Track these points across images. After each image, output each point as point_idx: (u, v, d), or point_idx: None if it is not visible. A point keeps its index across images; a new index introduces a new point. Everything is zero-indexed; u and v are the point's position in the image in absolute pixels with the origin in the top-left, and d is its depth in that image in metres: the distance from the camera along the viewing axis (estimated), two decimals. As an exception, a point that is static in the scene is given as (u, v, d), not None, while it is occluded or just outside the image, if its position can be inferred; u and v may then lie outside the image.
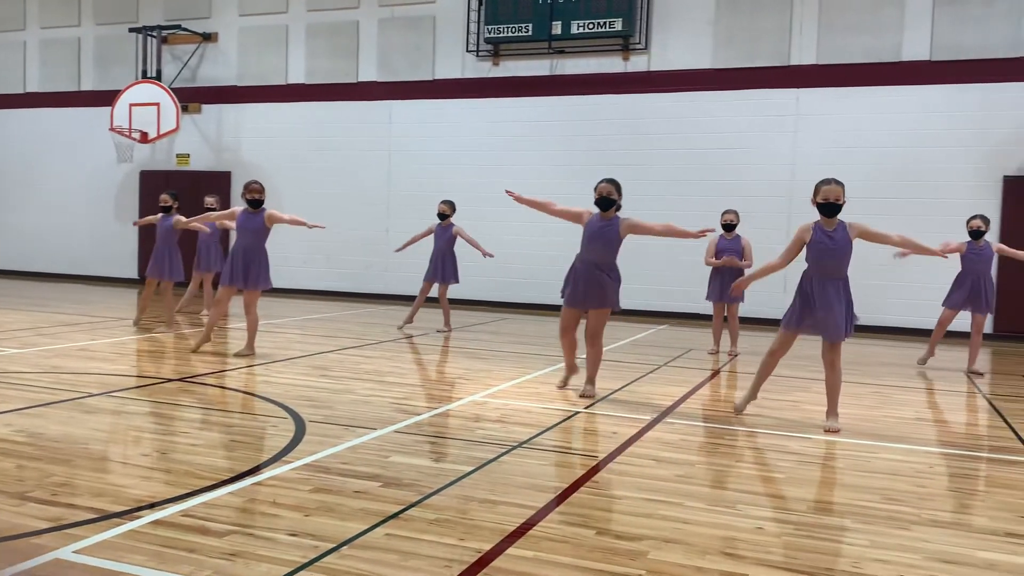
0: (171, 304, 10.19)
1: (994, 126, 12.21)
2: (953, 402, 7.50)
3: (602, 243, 6.54)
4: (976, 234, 8.63)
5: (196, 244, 11.29)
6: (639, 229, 6.50)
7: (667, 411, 6.26)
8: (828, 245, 5.69)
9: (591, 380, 6.73)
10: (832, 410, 5.86)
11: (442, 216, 10.81)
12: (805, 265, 5.90)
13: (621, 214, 6.66)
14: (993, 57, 12.16)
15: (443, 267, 10.68)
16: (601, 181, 6.67)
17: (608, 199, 6.57)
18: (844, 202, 5.70)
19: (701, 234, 6.50)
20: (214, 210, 11.46)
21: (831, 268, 5.72)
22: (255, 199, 8.11)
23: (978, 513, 4.15)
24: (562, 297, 6.70)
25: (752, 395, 6.19)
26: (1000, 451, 5.46)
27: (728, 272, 9.39)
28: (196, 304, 11.96)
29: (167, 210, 9.99)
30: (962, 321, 9.27)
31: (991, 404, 7.21)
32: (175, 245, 9.98)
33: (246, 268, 8.06)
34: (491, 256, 10.89)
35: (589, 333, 6.65)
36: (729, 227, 9.50)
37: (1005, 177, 12.18)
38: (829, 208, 5.70)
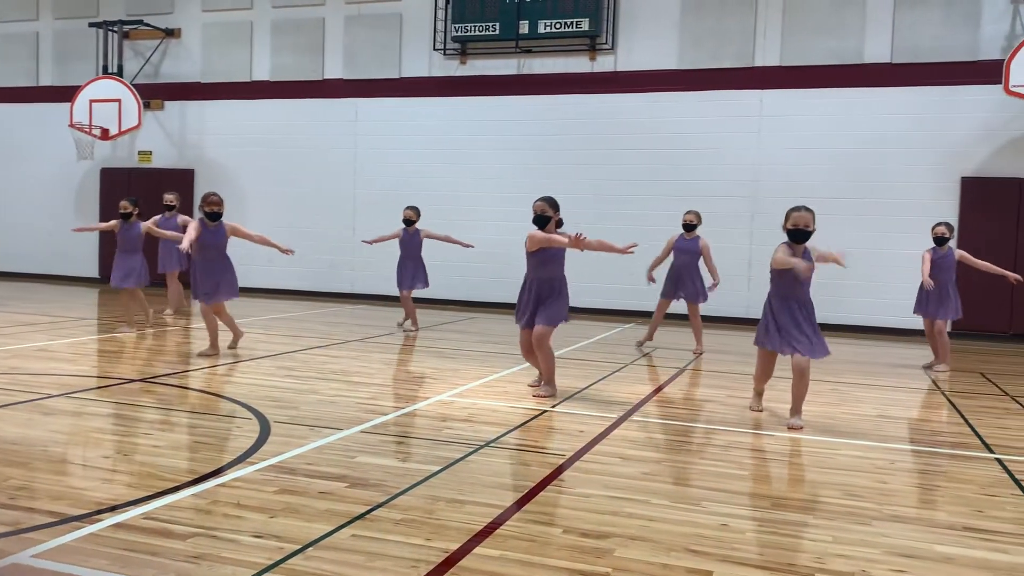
0: (145, 305, 9.95)
1: (952, 128, 12.46)
2: (913, 399, 7.64)
3: (556, 260, 6.64)
4: (940, 240, 8.77)
5: (157, 244, 11.13)
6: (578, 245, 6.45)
7: (633, 409, 6.30)
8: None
9: (549, 381, 6.72)
10: (796, 409, 5.94)
11: (408, 222, 10.71)
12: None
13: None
14: (951, 60, 12.39)
15: (413, 273, 10.62)
16: (537, 200, 6.74)
17: (541, 216, 6.62)
18: (814, 230, 5.80)
19: (627, 250, 6.58)
20: (173, 207, 11.33)
21: (796, 289, 5.84)
22: (213, 212, 7.95)
23: (937, 508, 4.23)
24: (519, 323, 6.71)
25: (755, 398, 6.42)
26: (958, 447, 5.57)
27: (685, 271, 9.50)
28: (162, 303, 11.76)
29: (127, 216, 9.66)
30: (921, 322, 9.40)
31: (950, 401, 7.35)
32: (140, 250, 9.72)
33: (215, 285, 7.97)
34: (471, 247, 10.89)
35: (536, 342, 6.64)
36: (689, 227, 9.57)
37: (963, 178, 12.42)
38: (799, 235, 5.81)
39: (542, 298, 6.58)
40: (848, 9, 12.86)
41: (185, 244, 7.55)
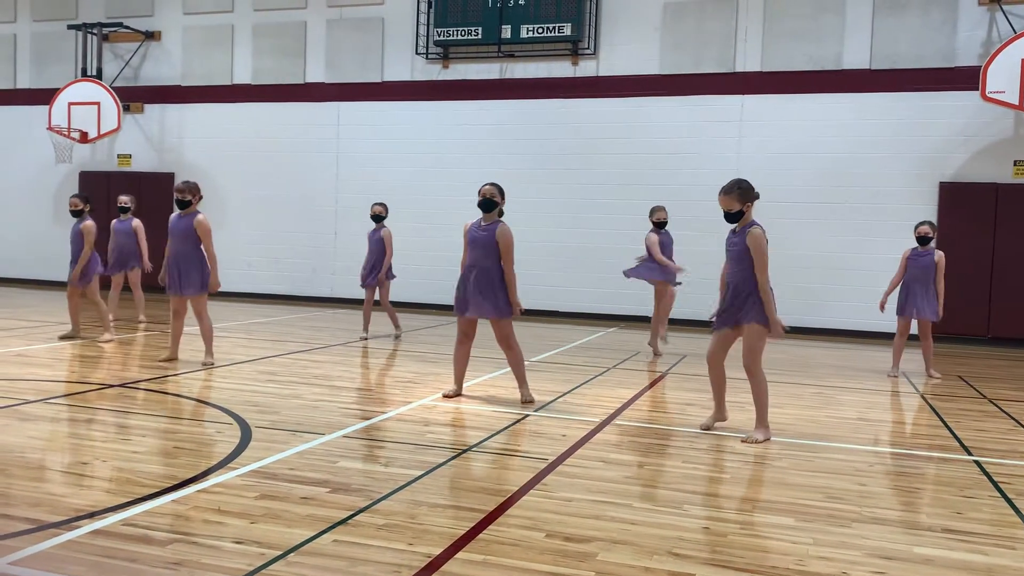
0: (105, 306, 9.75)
1: (930, 134, 12.59)
2: (892, 403, 7.70)
3: (482, 248, 6.46)
4: (923, 240, 8.77)
5: (107, 245, 10.89)
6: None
7: (615, 413, 6.31)
8: (728, 246, 5.71)
9: (523, 383, 6.66)
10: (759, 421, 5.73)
11: (377, 218, 10.47)
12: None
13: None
14: (929, 67, 12.53)
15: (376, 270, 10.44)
16: (485, 184, 6.60)
17: (491, 201, 6.50)
18: (737, 210, 5.55)
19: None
20: (128, 209, 11.02)
21: (733, 269, 5.69)
22: (180, 199, 7.88)
23: (916, 510, 4.26)
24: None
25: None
26: (937, 449, 5.62)
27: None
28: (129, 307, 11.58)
29: (79, 214, 9.39)
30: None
31: (928, 404, 7.42)
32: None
33: (178, 274, 7.86)
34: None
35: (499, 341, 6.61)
36: (662, 224, 9.61)
37: (941, 183, 12.55)
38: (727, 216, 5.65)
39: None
40: (828, 15, 12.97)
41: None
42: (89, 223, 9.24)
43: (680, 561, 3.37)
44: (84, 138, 15.73)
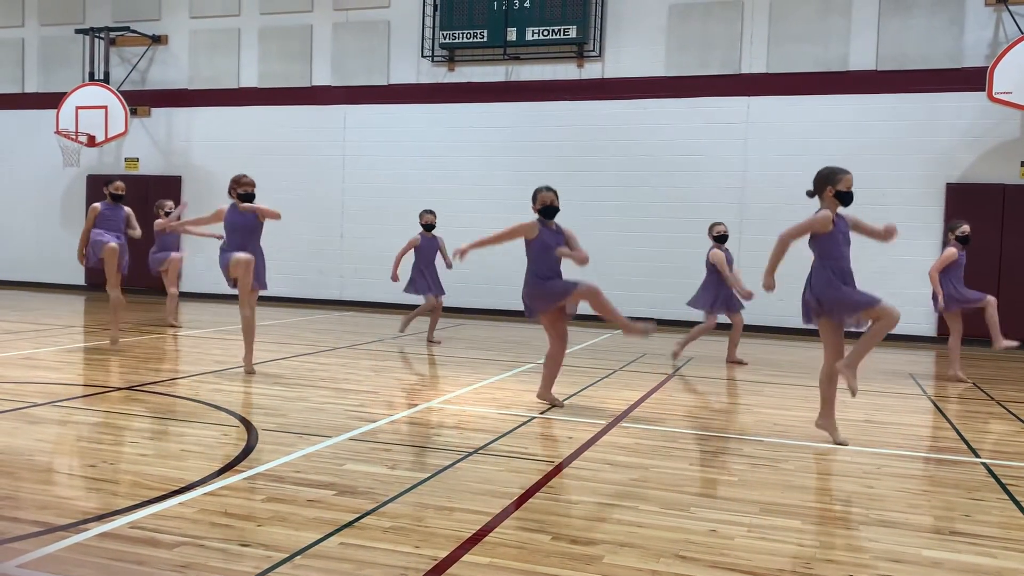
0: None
1: (937, 135, 12.55)
2: (900, 404, 7.67)
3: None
4: (965, 240, 8.66)
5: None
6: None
7: (622, 415, 6.30)
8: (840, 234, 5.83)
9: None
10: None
11: (429, 227, 10.39)
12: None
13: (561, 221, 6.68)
14: (936, 68, 12.50)
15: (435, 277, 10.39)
16: (546, 190, 6.52)
17: (554, 208, 6.48)
18: None
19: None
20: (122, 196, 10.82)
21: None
22: (248, 193, 7.85)
23: (924, 513, 4.25)
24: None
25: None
26: (945, 451, 5.60)
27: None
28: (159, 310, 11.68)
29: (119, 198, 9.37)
30: (905, 327, 9.44)
31: (936, 406, 7.39)
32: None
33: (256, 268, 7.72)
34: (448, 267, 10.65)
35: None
36: (724, 238, 9.31)
37: (948, 184, 12.52)
38: (847, 197, 6.01)
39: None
40: (834, 17, 12.95)
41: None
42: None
43: (687, 564, 3.37)
44: (92, 142, 15.80)
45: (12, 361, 7.88)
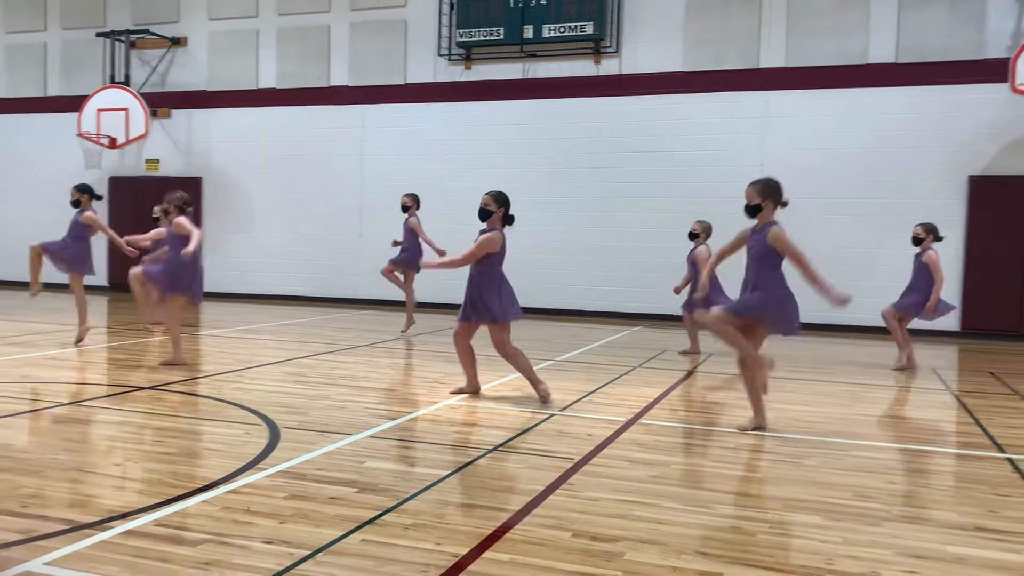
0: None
1: (959, 127, 12.42)
2: (922, 399, 7.61)
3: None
4: (914, 241, 8.99)
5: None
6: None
7: (641, 412, 6.29)
8: (749, 246, 5.73)
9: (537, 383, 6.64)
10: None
11: (405, 208, 10.98)
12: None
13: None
14: (957, 59, 12.37)
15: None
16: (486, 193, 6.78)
17: (485, 210, 6.74)
18: (756, 204, 5.61)
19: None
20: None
21: (753, 268, 5.70)
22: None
23: (948, 508, 4.21)
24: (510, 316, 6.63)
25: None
26: (968, 447, 5.55)
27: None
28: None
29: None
30: (929, 322, 9.35)
31: (959, 401, 7.32)
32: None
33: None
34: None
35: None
36: (692, 235, 9.45)
37: (970, 177, 12.39)
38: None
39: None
40: (852, 9, 12.84)
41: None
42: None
43: (708, 560, 3.36)
44: (113, 144, 15.94)
45: (38, 361, 7.98)
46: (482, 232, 6.65)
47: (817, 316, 13.71)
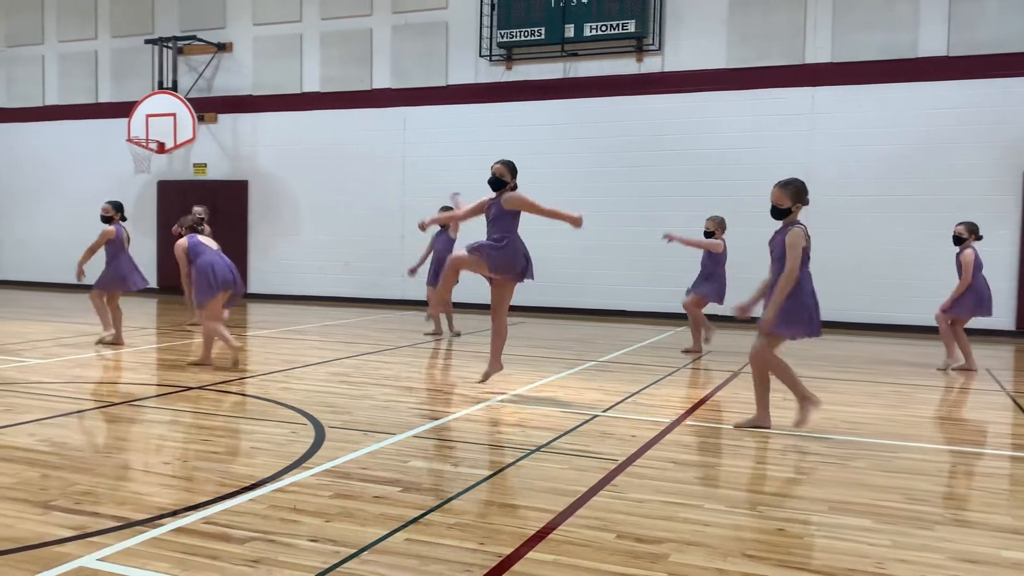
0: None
1: (1013, 121, 12.10)
2: (975, 400, 7.43)
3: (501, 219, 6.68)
4: (955, 240, 8.70)
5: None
6: (524, 204, 6.60)
7: (686, 414, 6.23)
8: (772, 246, 5.70)
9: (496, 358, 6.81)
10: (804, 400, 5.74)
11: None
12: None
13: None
14: (1011, 51, 12.05)
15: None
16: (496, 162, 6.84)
17: (500, 179, 6.74)
18: (786, 207, 5.57)
19: (577, 220, 6.56)
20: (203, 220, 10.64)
21: (775, 268, 5.64)
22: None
23: (1002, 512, 4.10)
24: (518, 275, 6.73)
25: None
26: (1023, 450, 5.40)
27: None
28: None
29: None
30: (983, 322, 9.12)
31: (1015, 402, 7.14)
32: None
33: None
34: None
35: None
36: (708, 234, 9.41)
37: (1025, 172, 12.08)
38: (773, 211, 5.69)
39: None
40: (901, 1, 12.59)
41: None
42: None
43: (754, 563, 3.32)
44: (161, 149, 16.27)
45: (90, 362, 8.17)
46: (501, 192, 6.69)
47: (867, 316, 13.52)
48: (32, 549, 3.29)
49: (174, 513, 3.74)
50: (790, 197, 5.57)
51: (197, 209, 11.40)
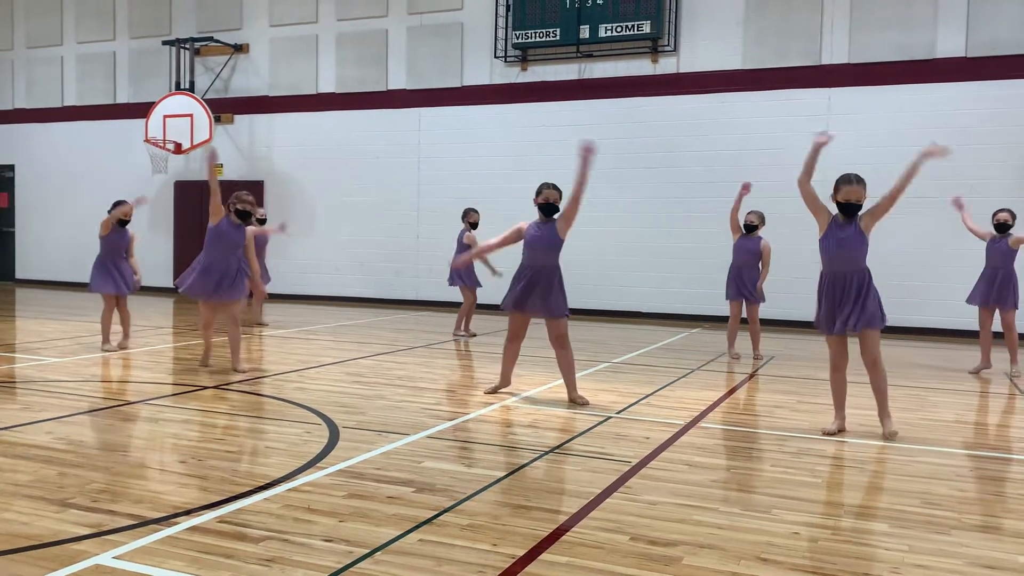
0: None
1: (1033, 122, 11.98)
2: (993, 404, 7.36)
3: (544, 246, 6.70)
4: (1002, 227, 8.57)
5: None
6: (570, 220, 6.74)
7: (700, 416, 6.21)
8: (840, 237, 5.72)
9: (573, 387, 6.59)
10: (884, 412, 5.69)
11: (475, 225, 10.76)
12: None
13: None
14: (1031, 52, 11.93)
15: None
16: (547, 187, 6.94)
17: (553, 206, 6.76)
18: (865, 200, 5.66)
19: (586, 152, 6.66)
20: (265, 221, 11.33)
21: (845, 261, 5.67)
22: (245, 210, 7.94)
23: (1020, 518, 4.06)
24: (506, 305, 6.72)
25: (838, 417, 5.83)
26: (1043, 454, 5.35)
27: (746, 271, 9.28)
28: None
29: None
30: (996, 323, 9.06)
31: (1033, 406, 7.06)
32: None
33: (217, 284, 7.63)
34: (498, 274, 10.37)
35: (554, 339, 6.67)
36: (751, 228, 9.36)
37: (1045, 174, 11.95)
38: (849, 208, 5.84)
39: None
40: (919, 2, 12.49)
41: None
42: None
43: (768, 567, 3.30)
44: (179, 149, 16.37)
45: (107, 361, 8.23)
46: (548, 219, 6.76)
47: (888, 319, 13.37)
48: (49, 547, 3.32)
49: (189, 512, 3.76)
50: (865, 191, 5.87)
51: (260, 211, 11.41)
